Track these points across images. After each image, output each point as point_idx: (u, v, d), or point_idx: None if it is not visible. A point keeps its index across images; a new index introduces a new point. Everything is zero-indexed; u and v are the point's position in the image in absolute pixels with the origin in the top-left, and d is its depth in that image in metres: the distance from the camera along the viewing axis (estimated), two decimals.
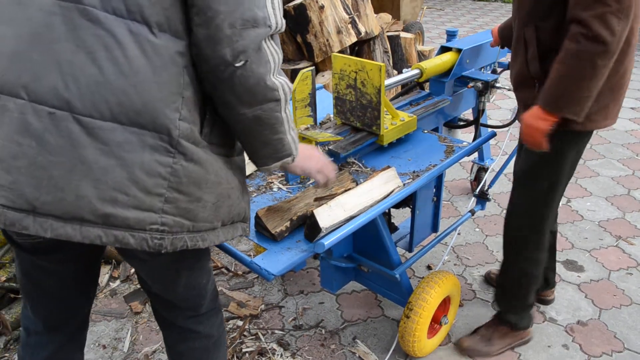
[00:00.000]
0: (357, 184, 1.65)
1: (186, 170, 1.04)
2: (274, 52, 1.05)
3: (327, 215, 1.44)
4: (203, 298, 1.38)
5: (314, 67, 1.84)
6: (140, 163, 0.99)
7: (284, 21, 1.06)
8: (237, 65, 0.99)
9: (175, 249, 1.06)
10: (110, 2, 0.94)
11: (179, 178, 1.03)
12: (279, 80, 1.08)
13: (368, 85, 1.81)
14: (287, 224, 1.49)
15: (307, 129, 1.77)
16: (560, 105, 1.55)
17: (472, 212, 2.37)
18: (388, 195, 1.60)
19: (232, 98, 1.05)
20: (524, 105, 1.77)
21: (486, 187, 2.46)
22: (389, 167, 1.66)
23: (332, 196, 1.53)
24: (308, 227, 1.47)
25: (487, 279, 2.54)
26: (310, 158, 1.37)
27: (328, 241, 1.36)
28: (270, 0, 1.01)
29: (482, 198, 2.46)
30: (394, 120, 1.97)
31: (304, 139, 1.76)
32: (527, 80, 1.71)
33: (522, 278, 2.00)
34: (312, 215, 1.43)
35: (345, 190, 1.60)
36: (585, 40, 1.43)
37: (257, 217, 1.50)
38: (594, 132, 1.76)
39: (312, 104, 1.77)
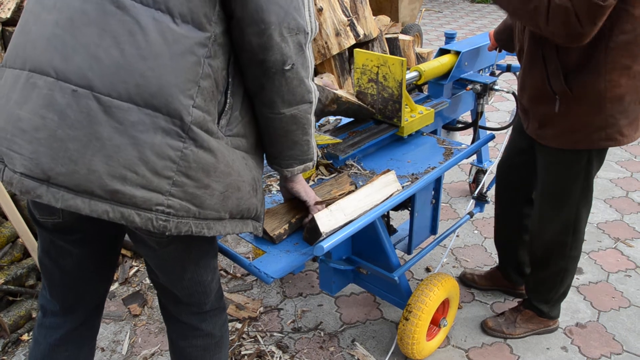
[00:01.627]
0: (356, 187, 1.65)
1: (196, 156, 1.07)
2: (311, 57, 1.17)
3: (327, 220, 1.44)
4: (207, 295, 1.40)
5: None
6: (152, 144, 1.02)
7: (317, 26, 1.18)
8: (286, 68, 1.11)
9: (180, 233, 1.09)
10: None
11: (188, 163, 1.06)
12: (313, 85, 1.20)
13: (390, 79, 1.91)
14: (286, 226, 1.49)
15: None
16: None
17: (471, 214, 2.37)
18: (387, 198, 1.60)
19: (277, 98, 1.16)
20: (539, 121, 1.76)
21: (485, 190, 2.47)
22: (388, 170, 1.66)
23: (332, 200, 1.53)
24: (308, 230, 1.47)
25: (462, 279, 2.53)
26: (306, 187, 1.47)
27: (327, 244, 1.36)
28: (308, 9, 1.13)
29: (481, 200, 2.46)
30: (413, 113, 2.04)
31: None
32: (546, 95, 1.68)
33: (563, 274, 2.04)
34: (313, 220, 1.43)
35: (345, 194, 1.60)
36: None
37: None
38: None
39: None
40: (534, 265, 2.11)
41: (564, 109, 1.66)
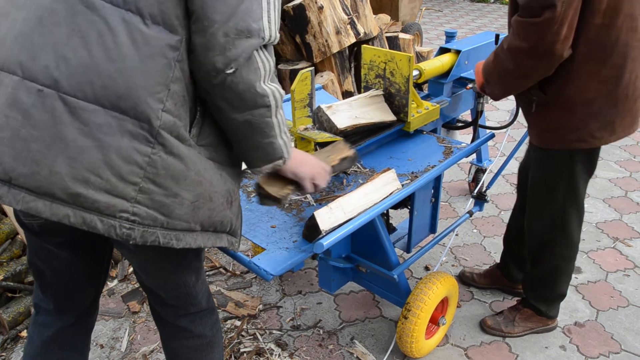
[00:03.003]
0: (354, 152, 1.62)
1: (164, 163, 1.04)
2: (264, 60, 1.08)
3: (327, 218, 1.44)
4: (193, 297, 1.38)
5: (313, 67, 1.85)
6: (118, 148, 1.00)
7: (278, 34, 1.11)
8: (227, 72, 1.03)
9: (146, 243, 1.06)
10: None
11: (155, 169, 1.03)
12: (270, 87, 1.10)
13: (397, 74, 1.92)
14: (290, 186, 1.41)
15: (306, 129, 1.77)
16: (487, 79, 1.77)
17: (470, 213, 2.37)
18: (387, 197, 1.60)
19: (223, 103, 1.08)
20: (526, 120, 1.87)
21: (484, 189, 2.47)
22: (389, 169, 1.66)
23: (333, 198, 1.53)
24: (308, 228, 1.47)
25: (462, 278, 2.54)
26: (303, 164, 1.36)
27: (327, 241, 1.36)
28: (266, 14, 1.05)
29: (480, 199, 2.47)
30: (419, 109, 2.05)
31: (302, 139, 1.76)
32: (526, 98, 1.78)
33: (556, 273, 2.06)
34: (313, 217, 1.43)
35: (343, 158, 1.57)
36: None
37: (257, 185, 1.41)
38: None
39: (311, 105, 1.77)
40: (530, 261, 2.14)
41: (540, 110, 1.74)
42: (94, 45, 0.98)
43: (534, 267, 2.12)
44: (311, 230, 1.45)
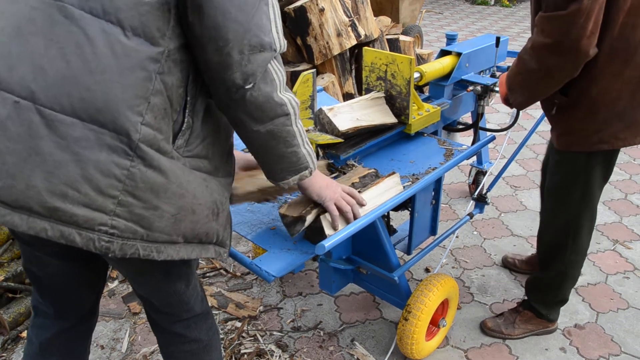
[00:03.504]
0: (377, 173, 1.66)
1: (144, 176, 1.02)
2: (278, 71, 1.11)
3: (331, 222, 1.44)
4: (185, 304, 1.37)
5: (314, 69, 1.86)
6: (96, 161, 0.98)
7: (285, 42, 1.12)
8: (247, 87, 1.06)
9: (125, 255, 1.05)
10: (87, 2, 0.96)
11: (135, 182, 1.02)
12: (286, 96, 1.14)
13: (398, 77, 1.93)
14: (315, 209, 1.44)
15: (307, 131, 1.78)
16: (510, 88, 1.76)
17: (471, 215, 2.38)
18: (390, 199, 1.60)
19: (245, 116, 1.11)
20: (549, 122, 1.85)
21: (484, 191, 2.47)
22: (393, 172, 1.66)
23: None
24: (312, 230, 1.47)
25: (504, 262, 2.64)
26: (328, 187, 1.41)
27: (329, 243, 1.36)
28: (275, 26, 1.07)
29: (481, 201, 2.47)
30: (420, 111, 2.06)
31: None
32: (548, 99, 1.77)
33: (561, 278, 2.06)
34: (318, 220, 1.43)
35: (367, 175, 1.62)
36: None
37: (281, 216, 1.46)
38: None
39: (313, 107, 1.78)
40: (539, 265, 2.15)
41: (562, 112, 1.72)
42: (72, 56, 0.96)
43: (541, 271, 2.12)
44: (314, 232, 1.45)
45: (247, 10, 1.01)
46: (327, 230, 1.42)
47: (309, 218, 1.42)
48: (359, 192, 1.54)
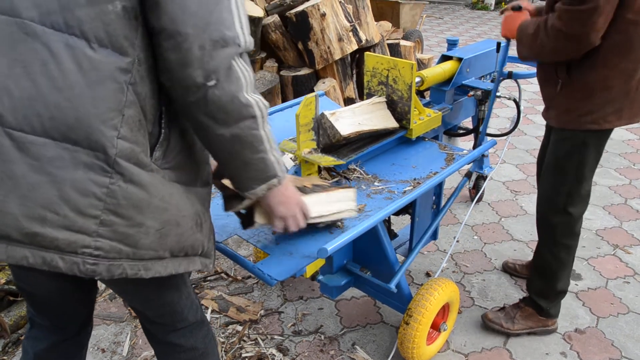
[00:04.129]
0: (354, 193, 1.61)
1: (125, 192, 0.99)
2: (244, 69, 1.04)
3: (264, 212, 1.37)
4: (178, 314, 1.35)
5: (317, 93, 1.85)
6: (72, 181, 0.95)
7: (252, 39, 1.06)
8: (209, 84, 0.98)
9: (113, 277, 1.02)
10: (49, 16, 0.92)
11: (116, 200, 0.98)
12: (253, 97, 1.06)
13: (399, 82, 1.95)
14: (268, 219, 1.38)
15: (310, 152, 1.79)
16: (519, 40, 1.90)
17: (469, 174, 2.40)
18: (336, 214, 1.52)
19: (206, 119, 1.03)
20: (546, 104, 1.98)
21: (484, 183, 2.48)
22: (351, 187, 1.61)
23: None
24: (246, 213, 1.41)
25: (505, 268, 2.69)
26: (284, 204, 1.28)
27: (331, 247, 1.37)
28: (237, 19, 1.01)
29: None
30: (422, 116, 2.08)
31: (306, 162, 1.78)
32: (551, 77, 1.89)
33: (553, 261, 2.12)
34: (251, 209, 1.37)
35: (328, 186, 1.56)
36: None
37: (223, 187, 1.39)
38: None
39: (316, 129, 1.79)
40: (534, 252, 2.23)
41: (564, 92, 1.88)
42: (38, 74, 0.92)
43: (536, 255, 2.20)
44: (246, 217, 1.41)
45: (207, 4, 0.96)
46: (258, 219, 1.36)
47: (246, 201, 1.32)
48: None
